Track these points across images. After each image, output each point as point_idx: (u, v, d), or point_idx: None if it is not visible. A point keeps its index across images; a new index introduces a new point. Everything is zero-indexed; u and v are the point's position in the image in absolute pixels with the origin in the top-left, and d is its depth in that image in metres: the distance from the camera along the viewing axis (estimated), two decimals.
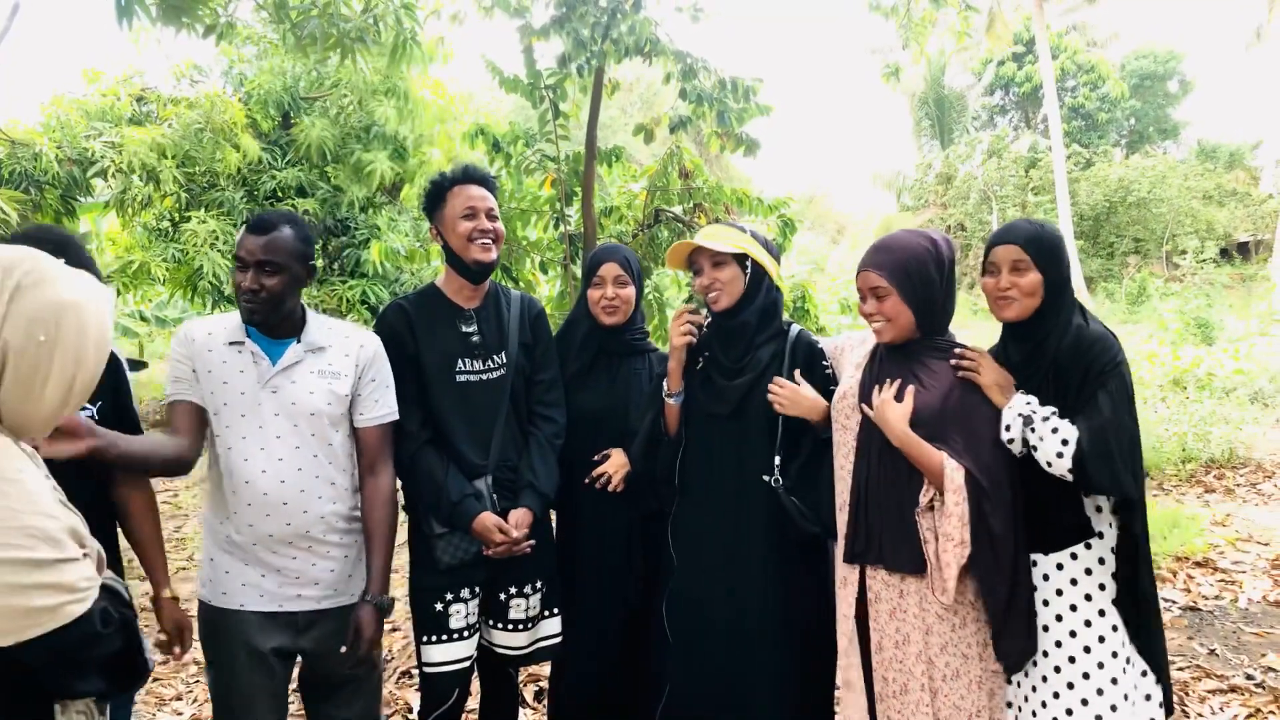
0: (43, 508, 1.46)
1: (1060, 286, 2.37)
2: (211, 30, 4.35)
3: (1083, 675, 2.28)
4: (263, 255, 2.40)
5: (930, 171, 28.33)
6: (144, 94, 11.10)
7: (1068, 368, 2.31)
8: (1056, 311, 2.36)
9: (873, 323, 2.48)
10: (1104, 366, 2.26)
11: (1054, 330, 2.35)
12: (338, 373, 2.54)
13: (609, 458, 2.89)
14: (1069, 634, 2.31)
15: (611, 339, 2.97)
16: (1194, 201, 24.96)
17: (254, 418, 2.44)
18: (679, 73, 5.32)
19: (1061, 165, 21.95)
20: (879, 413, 2.40)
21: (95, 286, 1.61)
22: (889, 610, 2.42)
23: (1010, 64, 29.25)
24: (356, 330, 2.65)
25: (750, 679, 2.65)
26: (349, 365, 2.56)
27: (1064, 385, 2.31)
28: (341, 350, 2.56)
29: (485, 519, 2.65)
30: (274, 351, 2.49)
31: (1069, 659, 2.30)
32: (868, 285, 2.46)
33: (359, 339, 2.61)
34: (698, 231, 2.99)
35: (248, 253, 2.41)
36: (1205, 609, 4.86)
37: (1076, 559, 2.31)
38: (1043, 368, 2.35)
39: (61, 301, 1.51)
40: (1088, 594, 2.30)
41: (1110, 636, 2.29)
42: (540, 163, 5.96)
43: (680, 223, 6.14)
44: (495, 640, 2.84)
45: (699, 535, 2.73)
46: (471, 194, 2.75)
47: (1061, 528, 2.33)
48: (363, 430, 2.56)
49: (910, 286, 2.41)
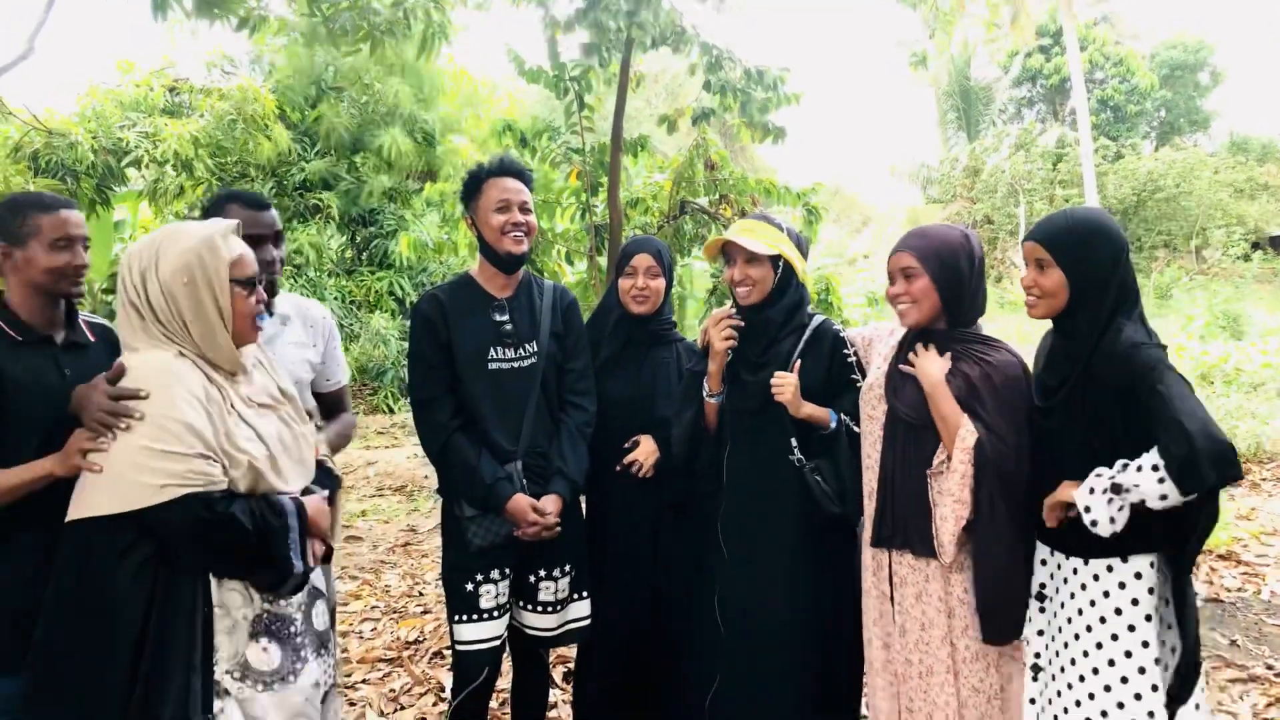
0: (177, 414, 1.90)
1: (1091, 284, 2.25)
2: (245, 23, 4.43)
3: (1104, 688, 2.24)
4: (277, 227, 2.53)
5: (957, 165, 28.13)
6: (176, 85, 11.24)
7: (1101, 376, 2.20)
8: (1086, 310, 2.25)
9: (899, 304, 2.51)
10: (1142, 371, 2.12)
11: (1084, 331, 2.25)
12: (306, 342, 2.65)
13: (639, 444, 2.95)
14: (1095, 645, 2.26)
15: (640, 328, 3.04)
16: (1224, 195, 24.67)
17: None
18: (704, 64, 5.35)
19: (1090, 158, 21.75)
20: (920, 362, 2.43)
21: (209, 228, 2.08)
22: (915, 594, 2.47)
23: (1038, 55, 28.96)
24: (304, 300, 2.77)
25: (785, 666, 2.71)
26: (315, 334, 2.68)
27: (1099, 396, 2.21)
28: (302, 321, 2.68)
29: (519, 500, 2.72)
30: None
31: (1092, 670, 2.25)
32: (899, 266, 2.49)
33: (313, 309, 2.71)
34: (735, 224, 3.03)
35: (264, 227, 2.51)
36: (1228, 600, 4.86)
37: (1112, 571, 2.26)
38: (1074, 373, 2.26)
39: (186, 249, 2.02)
40: (1118, 608, 2.24)
41: (1139, 652, 2.22)
42: (565, 155, 6.01)
43: (705, 214, 6.19)
44: (525, 622, 2.91)
45: (745, 529, 2.79)
46: (507, 186, 2.81)
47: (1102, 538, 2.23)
48: (329, 394, 2.77)
49: (941, 271, 2.44)
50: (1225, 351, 11.37)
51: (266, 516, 2.01)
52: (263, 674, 2.08)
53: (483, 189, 2.82)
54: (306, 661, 2.17)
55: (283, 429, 2.16)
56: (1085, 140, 21.74)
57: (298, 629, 2.17)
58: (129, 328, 2.04)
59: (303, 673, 2.15)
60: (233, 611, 2.06)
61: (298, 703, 2.13)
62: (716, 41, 5.34)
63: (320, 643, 2.26)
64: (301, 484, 2.19)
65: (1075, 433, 2.27)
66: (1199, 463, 1.99)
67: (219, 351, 2.05)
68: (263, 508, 2.01)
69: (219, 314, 2.03)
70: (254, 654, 2.08)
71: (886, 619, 2.55)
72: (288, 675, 2.13)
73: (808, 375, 2.73)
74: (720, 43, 5.35)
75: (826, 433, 2.70)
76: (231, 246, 2.09)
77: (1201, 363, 10.97)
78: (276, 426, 2.14)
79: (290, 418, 2.21)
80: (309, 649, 2.19)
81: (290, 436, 2.17)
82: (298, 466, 2.18)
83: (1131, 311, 2.25)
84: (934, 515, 2.39)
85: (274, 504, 2.04)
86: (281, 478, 2.10)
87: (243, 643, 2.07)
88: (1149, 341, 2.19)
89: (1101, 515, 2.15)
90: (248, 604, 2.08)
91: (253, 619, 2.09)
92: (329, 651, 2.32)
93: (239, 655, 2.06)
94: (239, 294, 2.08)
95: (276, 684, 2.10)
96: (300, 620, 2.18)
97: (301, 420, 2.26)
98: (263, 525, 1.99)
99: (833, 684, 2.77)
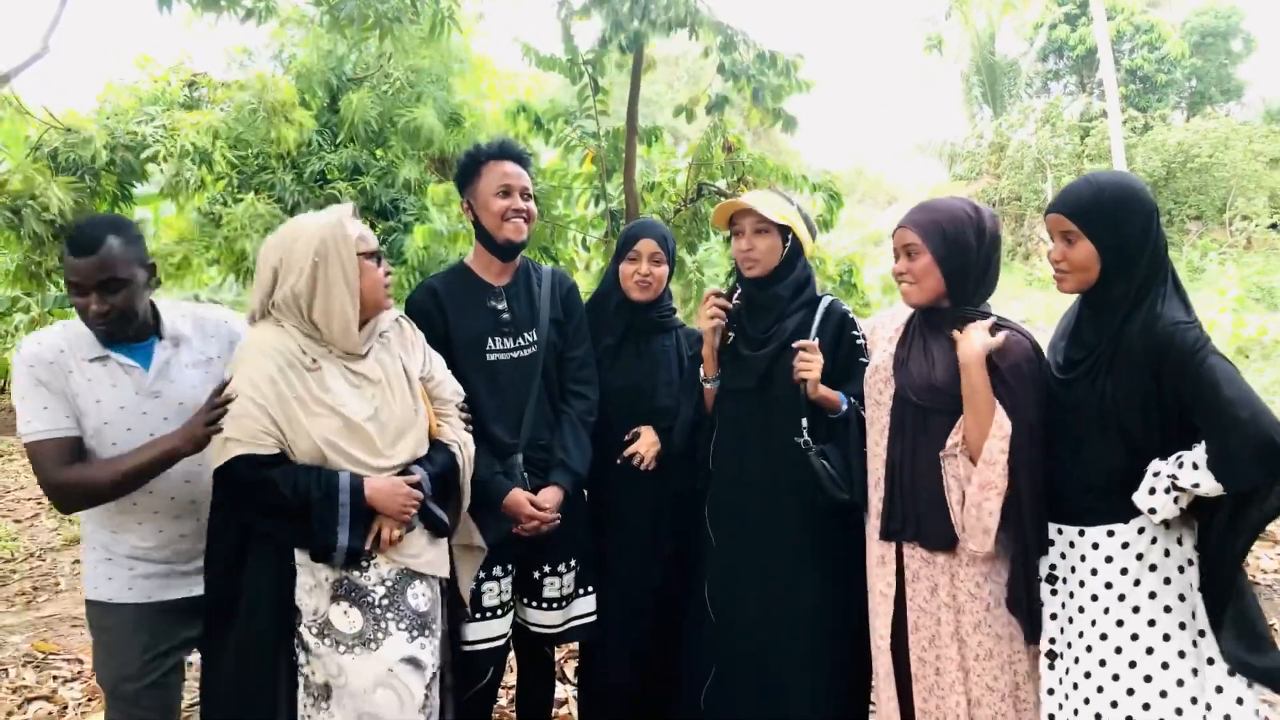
0: (247, 388, 2.18)
1: (1124, 255, 2.14)
2: (250, 14, 4.39)
3: (1129, 664, 2.16)
4: (101, 276, 2.27)
5: (982, 141, 27.75)
6: (195, 79, 11.26)
7: (1133, 351, 2.10)
8: (1119, 281, 2.15)
9: (901, 282, 2.43)
10: (1185, 353, 2.02)
11: (1116, 303, 2.14)
12: (211, 357, 2.50)
13: (639, 436, 2.89)
14: (1116, 624, 2.19)
15: (641, 315, 2.97)
16: (1259, 165, 24.18)
17: (141, 430, 2.37)
18: (718, 45, 5.26)
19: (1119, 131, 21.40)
20: (965, 336, 2.30)
21: (334, 212, 2.32)
22: (929, 588, 2.39)
23: (1063, 26, 28.49)
24: (203, 308, 2.63)
25: (786, 657, 2.64)
26: (218, 346, 2.52)
27: (1129, 371, 2.11)
28: (202, 333, 2.52)
29: (516, 495, 2.67)
30: (140, 356, 2.40)
31: (1115, 649, 2.18)
32: (902, 242, 2.42)
33: (212, 317, 2.57)
34: (746, 193, 2.98)
35: (83, 277, 2.28)
36: (1264, 583, 4.75)
37: (1114, 536, 2.20)
38: (1101, 346, 2.17)
39: (313, 234, 2.25)
40: (1137, 579, 2.17)
41: (1146, 632, 2.16)
42: (580, 139, 5.94)
43: (724, 196, 6.10)
44: (530, 619, 2.87)
45: (734, 514, 2.73)
46: (507, 171, 2.71)
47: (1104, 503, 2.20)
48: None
49: (944, 247, 2.35)
50: (1262, 324, 11.14)
51: (310, 486, 2.18)
52: (344, 635, 2.25)
53: (481, 172, 2.73)
54: (390, 634, 2.27)
55: (382, 406, 2.33)
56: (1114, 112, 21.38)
57: (376, 600, 2.29)
58: (255, 304, 2.33)
59: (385, 643, 2.26)
60: (315, 572, 2.26)
61: (380, 671, 2.24)
62: (731, 22, 5.25)
63: (420, 623, 2.33)
64: (404, 459, 2.37)
65: (1095, 406, 2.18)
66: (1243, 457, 1.91)
67: (335, 329, 2.27)
68: (309, 478, 2.19)
69: (346, 286, 2.25)
70: (336, 615, 2.25)
71: (885, 617, 2.47)
72: (369, 641, 2.26)
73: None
74: (735, 24, 5.25)
75: (836, 416, 2.62)
76: (354, 227, 2.32)
77: (1237, 335, 10.76)
78: (375, 404, 2.32)
79: (395, 397, 2.38)
80: (394, 623, 2.29)
81: (390, 412, 2.34)
82: (399, 442, 2.36)
83: (1166, 282, 2.15)
84: (949, 501, 2.31)
85: (324, 475, 2.21)
86: (371, 451, 2.29)
87: (324, 602, 2.25)
88: (1189, 320, 2.09)
89: (1167, 511, 2.09)
90: (328, 567, 2.26)
91: (333, 582, 2.26)
92: (434, 633, 2.39)
93: (321, 614, 2.25)
94: (367, 265, 2.31)
95: (358, 647, 2.25)
96: (382, 593, 2.30)
97: (415, 400, 2.43)
98: (304, 493, 2.17)
99: (838, 676, 2.70)
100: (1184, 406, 2.07)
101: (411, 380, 2.43)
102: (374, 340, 2.39)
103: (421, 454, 2.41)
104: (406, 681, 2.26)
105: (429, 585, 2.41)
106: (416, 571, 2.37)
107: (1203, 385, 2.00)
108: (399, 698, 2.25)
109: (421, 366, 2.52)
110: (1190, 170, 23.85)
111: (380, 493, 2.25)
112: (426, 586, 2.39)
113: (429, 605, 2.38)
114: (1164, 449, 2.14)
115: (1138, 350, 2.10)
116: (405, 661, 2.26)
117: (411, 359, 2.48)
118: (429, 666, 2.32)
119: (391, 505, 2.27)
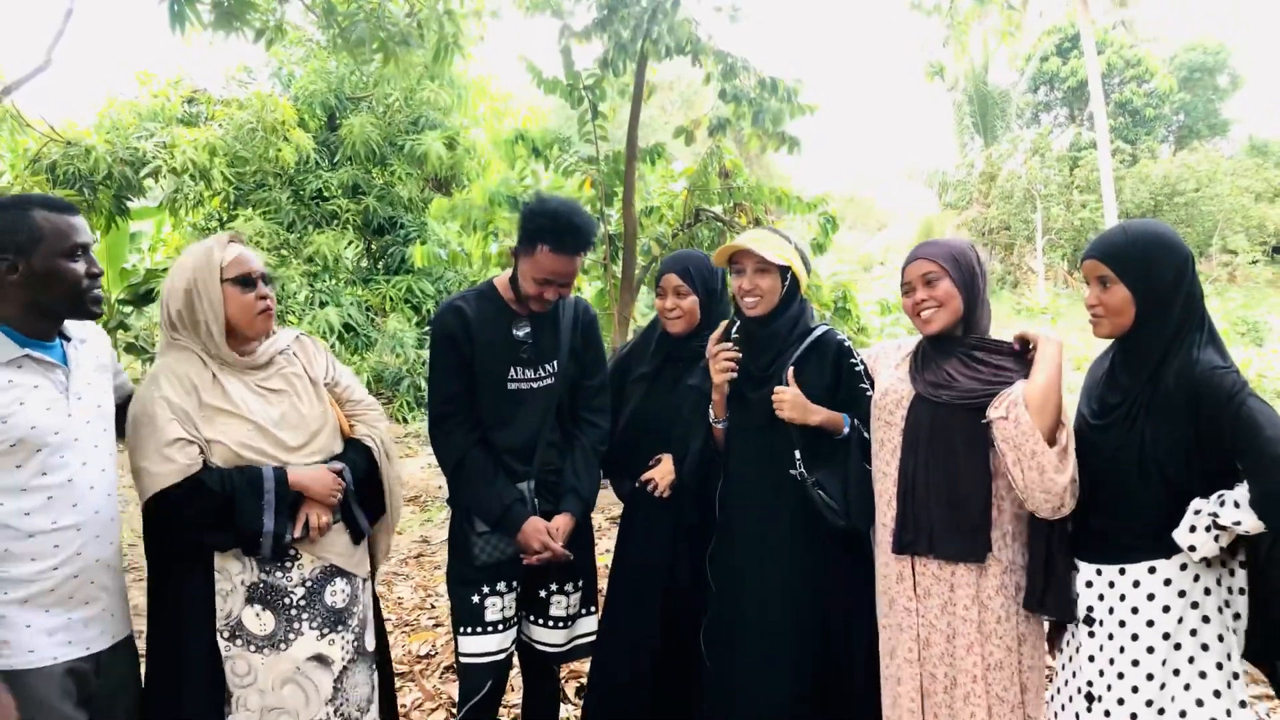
0: (162, 411, 2.24)
1: (1158, 299, 2.16)
2: (261, 34, 4.45)
3: (1171, 699, 2.17)
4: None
5: (973, 170, 28.00)
6: (194, 95, 11.32)
7: (1171, 395, 2.12)
8: (1153, 325, 2.17)
9: (922, 310, 2.45)
10: (1223, 397, 2.04)
11: (1151, 347, 2.17)
12: (105, 363, 2.34)
13: (659, 463, 2.91)
14: (1161, 662, 2.20)
15: (677, 347, 2.97)
16: (1244, 199, 24.44)
17: (67, 434, 2.13)
18: (719, 73, 5.34)
19: (1108, 163, 21.59)
20: (1046, 336, 2.35)
21: (207, 242, 2.39)
22: (940, 604, 2.42)
23: (1054, 59, 28.84)
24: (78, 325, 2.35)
25: (778, 688, 2.67)
26: (104, 350, 2.37)
27: (1167, 415, 2.13)
28: (89, 337, 2.33)
29: (534, 524, 2.69)
30: (54, 356, 2.18)
31: (1160, 686, 2.19)
32: (919, 273, 2.45)
33: (87, 325, 2.34)
34: (745, 232, 3.02)
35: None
36: None
37: (1154, 572, 2.21)
38: (1138, 389, 2.19)
39: (185, 265, 2.35)
40: (1180, 617, 2.19)
41: (1186, 669, 2.17)
42: (577, 164, 6.02)
43: (720, 221, 6.17)
44: (535, 637, 2.88)
45: (737, 552, 2.76)
46: (558, 268, 2.65)
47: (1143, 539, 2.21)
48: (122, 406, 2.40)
49: (960, 273, 2.42)
50: (1247, 358, 11.26)
51: (235, 478, 2.26)
52: (254, 637, 2.31)
53: (536, 249, 2.63)
54: (302, 634, 2.35)
55: (289, 410, 2.41)
56: (1103, 144, 21.59)
57: (293, 601, 2.35)
58: (161, 335, 2.42)
59: (295, 643, 2.34)
60: (232, 577, 2.31)
61: (286, 669, 2.33)
62: (731, 50, 5.33)
63: (334, 620, 2.40)
64: (320, 456, 2.44)
65: (1135, 451, 2.19)
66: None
67: (219, 348, 2.34)
68: (235, 473, 2.27)
69: (211, 311, 2.31)
70: (248, 617, 2.31)
71: (911, 631, 2.49)
72: (279, 642, 2.33)
73: (810, 386, 2.68)
74: (735, 51, 5.34)
75: (839, 438, 2.66)
76: (225, 253, 2.36)
77: None
78: (281, 408, 2.41)
79: (303, 401, 2.46)
80: (308, 622, 2.36)
81: (299, 415, 2.42)
82: (313, 440, 2.43)
83: (1202, 328, 2.17)
84: (1005, 465, 2.28)
85: (249, 469, 2.29)
86: (284, 449, 2.36)
87: (238, 606, 2.31)
88: (1225, 365, 2.11)
89: (1208, 549, 2.10)
90: (245, 571, 2.31)
91: (249, 585, 2.31)
92: (346, 629, 2.44)
93: (234, 617, 2.30)
94: (232, 293, 2.34)
95: (267, 648, 2.32)
96: (300, 594, 2.36)
97: (324, 404, 2.50)
98: (232, 486, 2.25)
99: (840, 700, 2.72)
100: (1224, 449, 2.08)
101: (317, 385, 2.52)
102: (273, 354, 2.46)
103: (337, 450, 2.49)
104: (313, 677, 2.35)
105: (349, 582, 2.47)
106: (339, 569, 2.44)
107: (1242, 428, 2.01)
108: (304, 693, 2.34)
109: (326, 373, 2.58)
110: (1177, 203, 24.09)
111: (305, 476, 2.34)
112: (346, 583, 2.45)
113: (345, 601, 2.44)
114: (1204, 488, 2.15)
115: (1175, 395, 2.12)
116: (313, 659, 2.36)
117: (315, 367, 2.56)
118: (338, 661, 2.40)
119: (318, 487, 2.35)
